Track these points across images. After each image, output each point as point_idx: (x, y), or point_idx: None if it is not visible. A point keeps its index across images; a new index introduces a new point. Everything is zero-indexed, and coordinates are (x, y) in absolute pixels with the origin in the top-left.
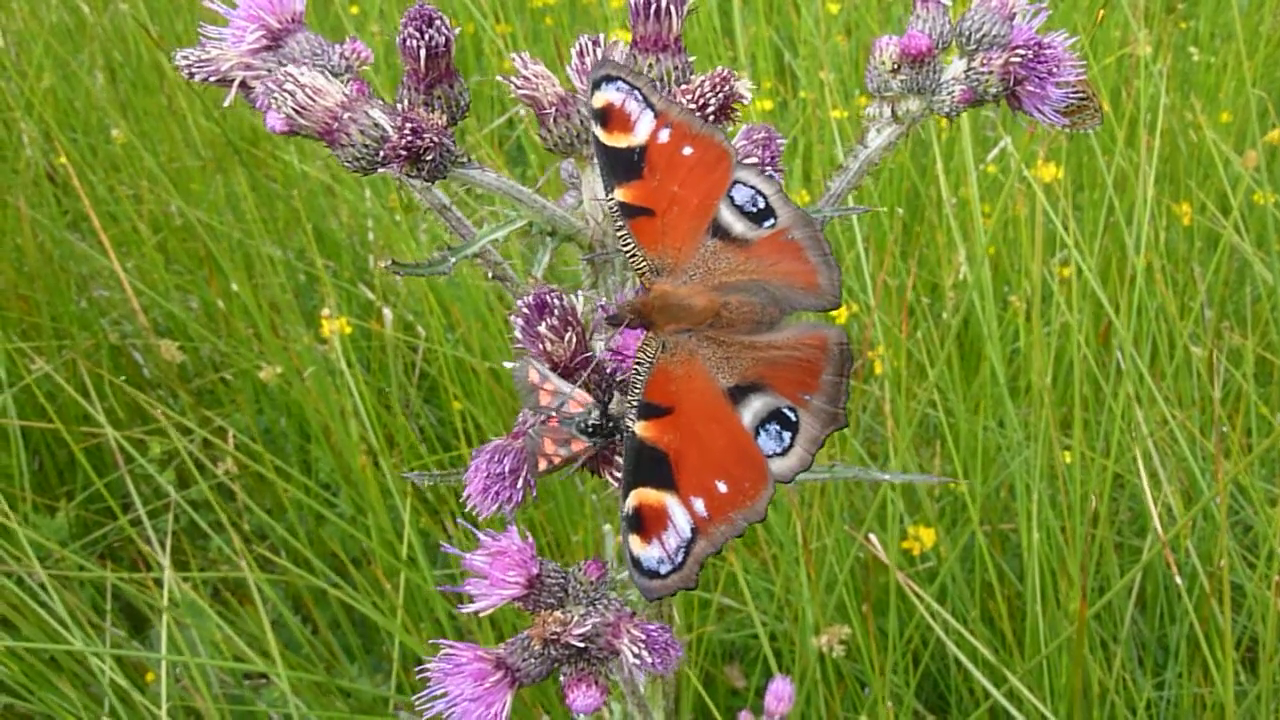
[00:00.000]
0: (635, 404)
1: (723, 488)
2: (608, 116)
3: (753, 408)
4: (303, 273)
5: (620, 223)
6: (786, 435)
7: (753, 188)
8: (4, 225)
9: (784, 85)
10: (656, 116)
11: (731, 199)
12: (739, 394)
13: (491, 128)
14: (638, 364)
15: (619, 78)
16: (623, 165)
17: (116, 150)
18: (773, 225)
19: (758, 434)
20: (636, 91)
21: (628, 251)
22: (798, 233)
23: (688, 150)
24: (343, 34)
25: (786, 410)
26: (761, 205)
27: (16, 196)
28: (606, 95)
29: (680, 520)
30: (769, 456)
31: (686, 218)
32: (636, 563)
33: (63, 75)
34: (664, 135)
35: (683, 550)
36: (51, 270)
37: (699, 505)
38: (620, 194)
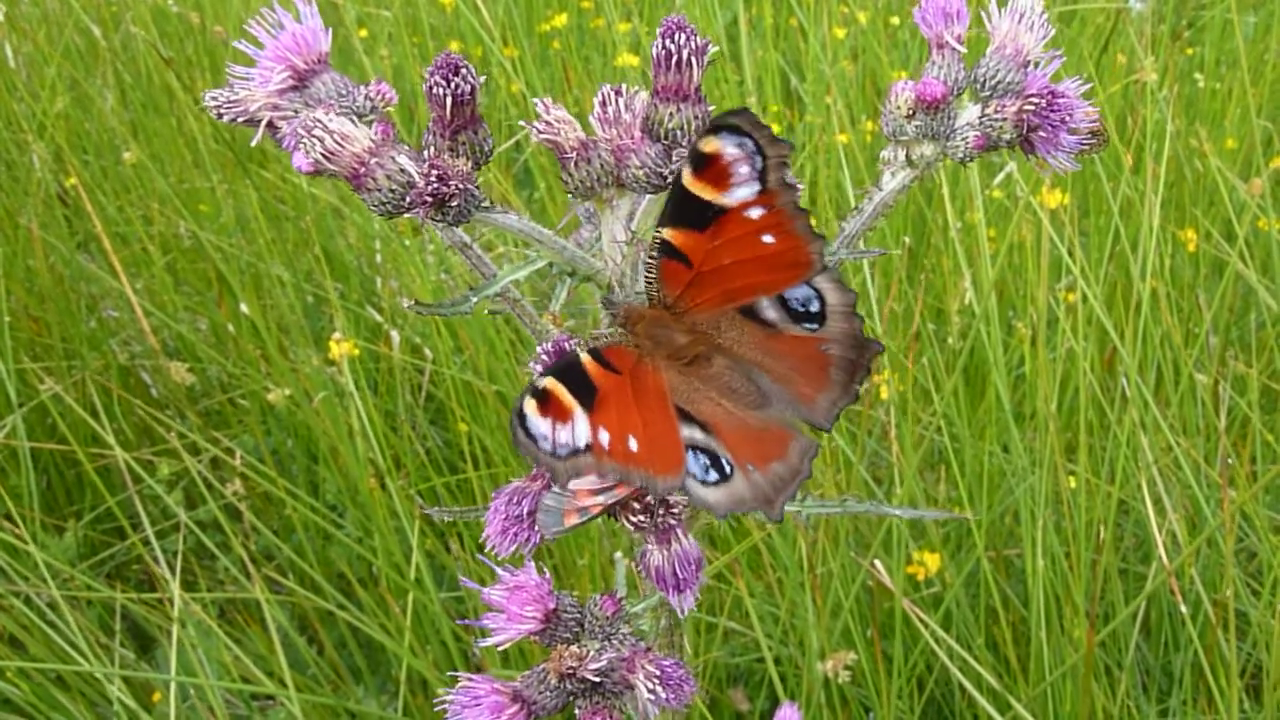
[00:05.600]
0: (589, 347)
1: (633, 445)
2: (707, 164)
3: (692, 434)
4: (310, 294)
5: (653, 254)
6: (714, 474)
7: (817, 292)
8: (15, 246)
9: (790, 110)
10: (762, 192)
11: (782, 294)
12: (683, 416)
13: (499, 151)
14: (602, 334)
15: (748, 133)
16: (690, 213)
17: (127, 171)
18: (813, 330)
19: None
20: (758, 157)
21: (647, 278)
22: (836, 349)
23: (768, 239)
24: (352, 57)
25: (724, 460)
26: (814, 310)
27: (28, 218)
28: (720, 144)
29: (581, 432)
30: (689, 473)
31: (721, 290)
32: (522, 417)
33: (74, 97)
34: (754, 212)
35: (568, 450)
36: (62, 291)
37: (604, 436)
38: (669, 234)
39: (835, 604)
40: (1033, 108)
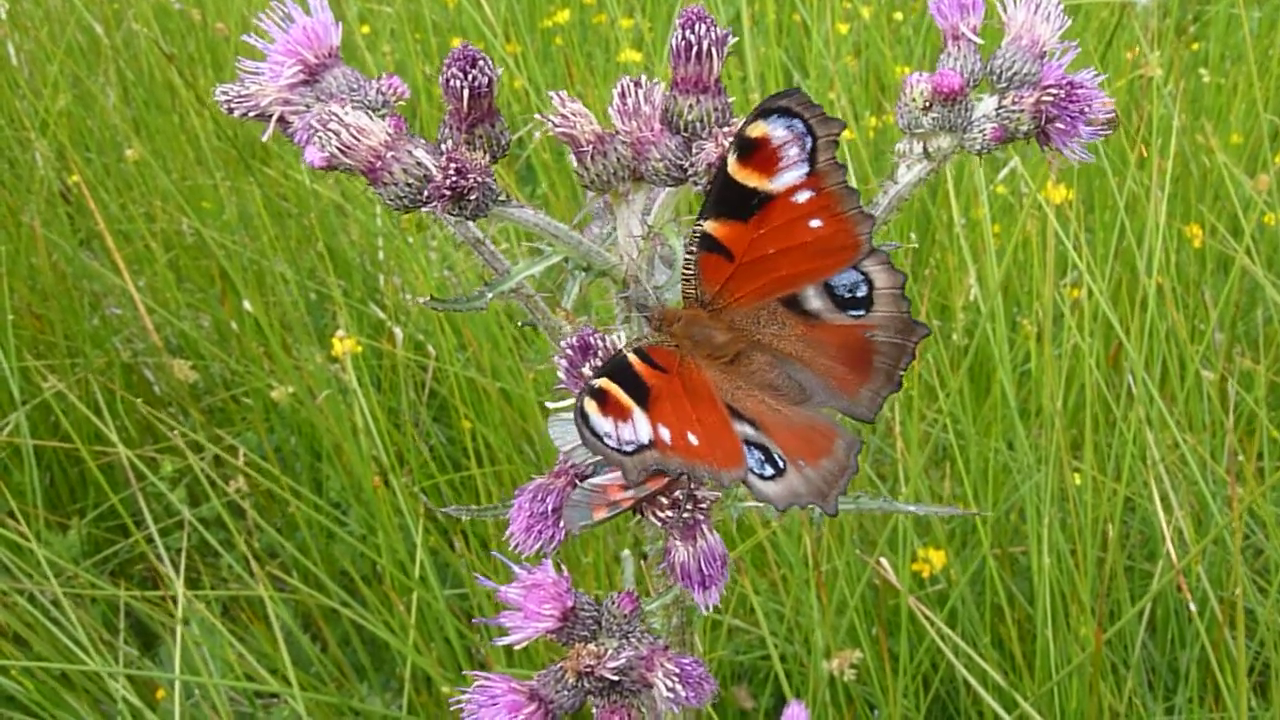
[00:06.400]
0: (633, 348)
1: (693, 440)
2: (753, 150)
3: (744, 430)
4: (314, 291)
5: (692, 249)
6: (769, 469)
7: (865, 276)
8: (18, 244)
9: None
10: (810, 174)
11: (828, 281)
12: (732, 413)
13: None
14: (643, 338)
15: (798, 114)
16: (733, 203)
17: (129, 169)
18: (859, 317)
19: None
20: (808, 138)
21: (684, 275)
22: (882, 335)
23: (816, 223)
24: (354, 53)
25: (776, 455)
26: (861, 295)
27: (31, 215)
28: (769, 128)
29: (642, 429)
30: (750, 469)
31: (764, 281)
32: (585, 417)
33: (77, 95)
34: (801, 196)
35: (634, 445)
36: (65, 288)
37: (664, 433)
38: (710, 226)
39: (840, 601)
40: (1051, 99)
